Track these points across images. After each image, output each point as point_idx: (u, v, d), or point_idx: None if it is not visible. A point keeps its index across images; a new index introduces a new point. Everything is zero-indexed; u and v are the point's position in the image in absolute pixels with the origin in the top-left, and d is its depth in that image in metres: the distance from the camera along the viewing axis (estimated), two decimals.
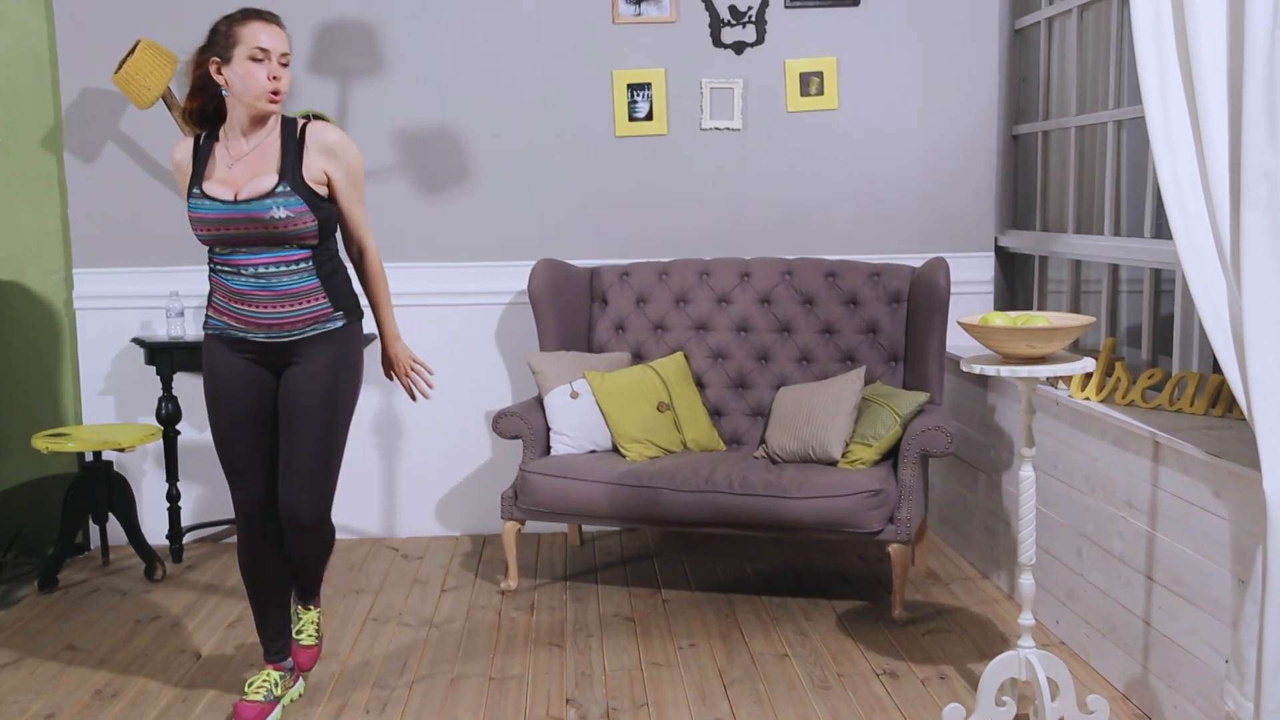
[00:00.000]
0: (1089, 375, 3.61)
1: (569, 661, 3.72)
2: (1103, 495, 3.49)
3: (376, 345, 3.56)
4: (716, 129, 4.98)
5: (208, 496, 5.01)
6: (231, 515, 4.95)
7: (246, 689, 3.33)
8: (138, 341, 4.69)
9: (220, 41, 3.12)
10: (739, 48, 4.95)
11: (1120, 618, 3.40)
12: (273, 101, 3.11)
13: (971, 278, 5.02)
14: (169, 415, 4.67)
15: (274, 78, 3.10)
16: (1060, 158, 4.68)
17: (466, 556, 4.80)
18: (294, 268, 3.15)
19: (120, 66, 4.31)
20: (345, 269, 3.32)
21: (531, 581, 4.47)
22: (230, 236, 3.13)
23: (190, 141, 3.23)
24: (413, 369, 3.43)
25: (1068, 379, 3.70)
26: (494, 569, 4.61)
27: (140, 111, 4.70)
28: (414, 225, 4.90)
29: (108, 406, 4.95)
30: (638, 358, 4.75)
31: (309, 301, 3.19)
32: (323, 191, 3.19)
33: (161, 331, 4.84)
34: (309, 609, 3.53)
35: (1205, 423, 3.25)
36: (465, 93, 4.93)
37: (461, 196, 4.96)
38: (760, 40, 4.94)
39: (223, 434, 3.27)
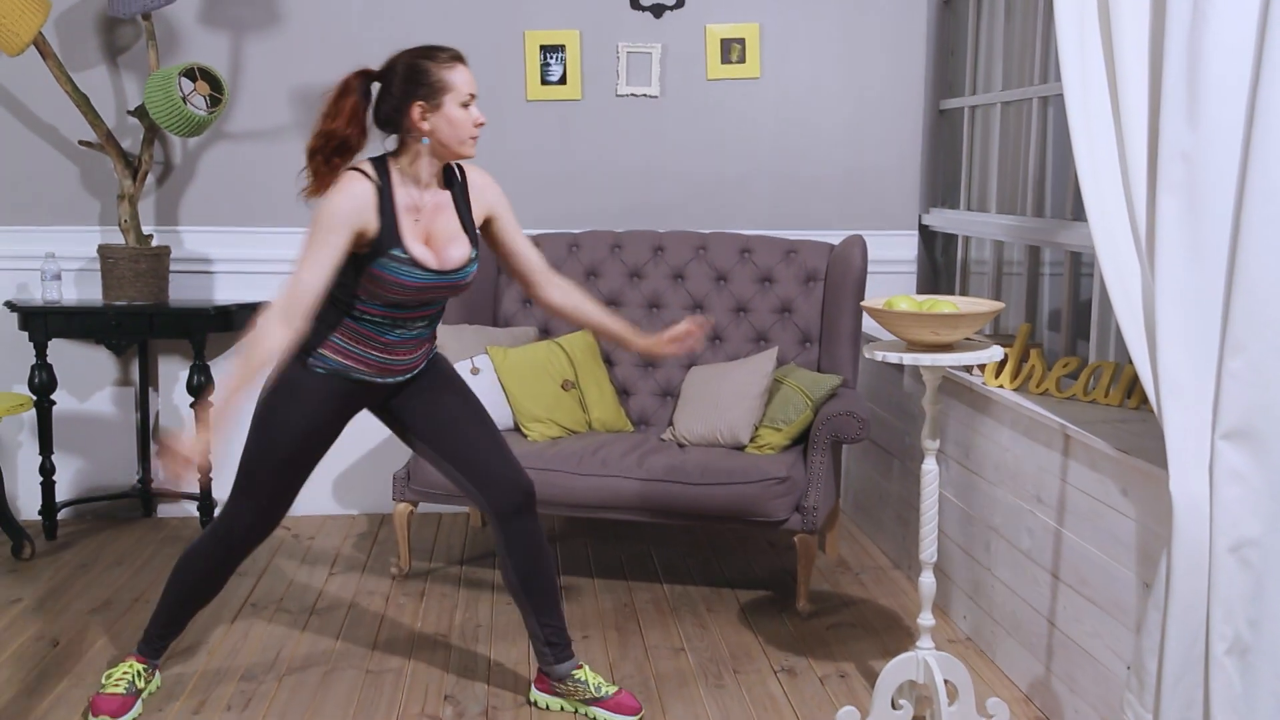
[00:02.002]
0: (1003, 362, 3.46)
1: (453, 654, 3.52)
2: (1012, 488, 3.34)
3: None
4: (633, 95, 4.77)
5: (86, 470, 4.74)
6: (109, 490, 4.72)
7: (105, 680, 3.11)
8: (10, 305, 4.41)
9: (427, 85, 2.84)
10: (658, 10, 4.73)
11: (1026, 616, 3.26)
12: (473, 145, 2.93)
13: (894, 256, 4.86)
14: (43, 384, 4.39)
15: (479, 124, 2.91)
16: (985, 134, 4.52)
17: (361, 537, 4.58)
18: (439, 315, 3.09)
19: None
20: None
21: (426, 565, 4.27)
22: (421, 300, 2.94)
23: (370, 187, 2.85)
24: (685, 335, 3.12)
25: (982, 364, 3.55)
26: (388, 551, 4.39)
27: (13, 59, 4.39)
28: None
29: None
30: (545, 333, 4.55)
31: (432, 341, 3.12)
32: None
33: (37, 295, 4.56)
34: (581, 667, 3.18)
35: (1119, 415, 3.11)
36: (368, 50, 4.56)
37: (361, 159, 4.69)
38: (680, 4, 4.73)
39: (293, 460, 3.02)
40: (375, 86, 2.95)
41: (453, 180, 3.01)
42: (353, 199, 2.83)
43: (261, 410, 3.01)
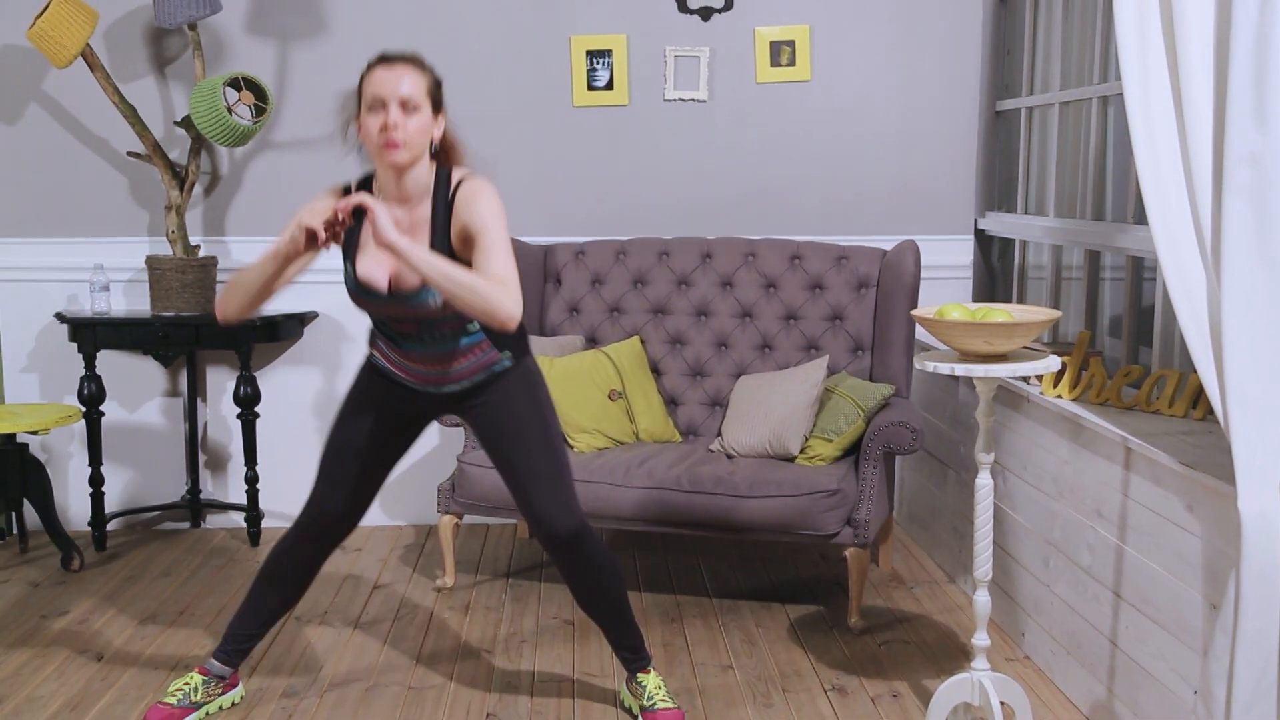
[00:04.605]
0: (1061, 371, 3.34)
1: (497, 669, 3.46)
2: (1071, 502, 3.22)
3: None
4: (681, 100, 4.70)
5: (135, 481, 4.75)
6: (160, 501, 4.74)
7: (167, 689, 3.14)
8: (60, 317, 4.42)
9: (356, 96, 2.78)
10: (706, 14, 4.66)
11: (1087, 636, 3.14)
12: (388, 149, 2.69)
13: (949, 261, 4.74)
14: (91, 396, 4.40)
15: (389, 126, 2.68)
16: (1043, 136, 4.40)
17: (407, 549, 4.54)
18: (459, 331, 2.88)
19: (34, 22, 4.03)
20: None
21: (471, 578, 4.22)
22: (395, 318, 2.89)
23: (329, 202, 2.76)
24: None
25: (1039, 374, 3.43)
26: (433, 563, 4.35)
27: (62, 72, 4.42)
28: None
29: (31, 385, 4.69)
30: (592, 341, 4.48)
31: (476, 353, 2.93)
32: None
33: (86, 307, 4.58)
34: (647, 672, 3.16)
35: (1183, 426, 2.99)
36: None
37: None
38: (729, 6, 4.64)
39: (338, 442, 3.06)
40: None
41: (443, 194, 2.82)
42: (306, 209, 2.76)
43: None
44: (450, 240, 2.79)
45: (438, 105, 2.82)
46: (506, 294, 2.65)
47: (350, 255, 2.87)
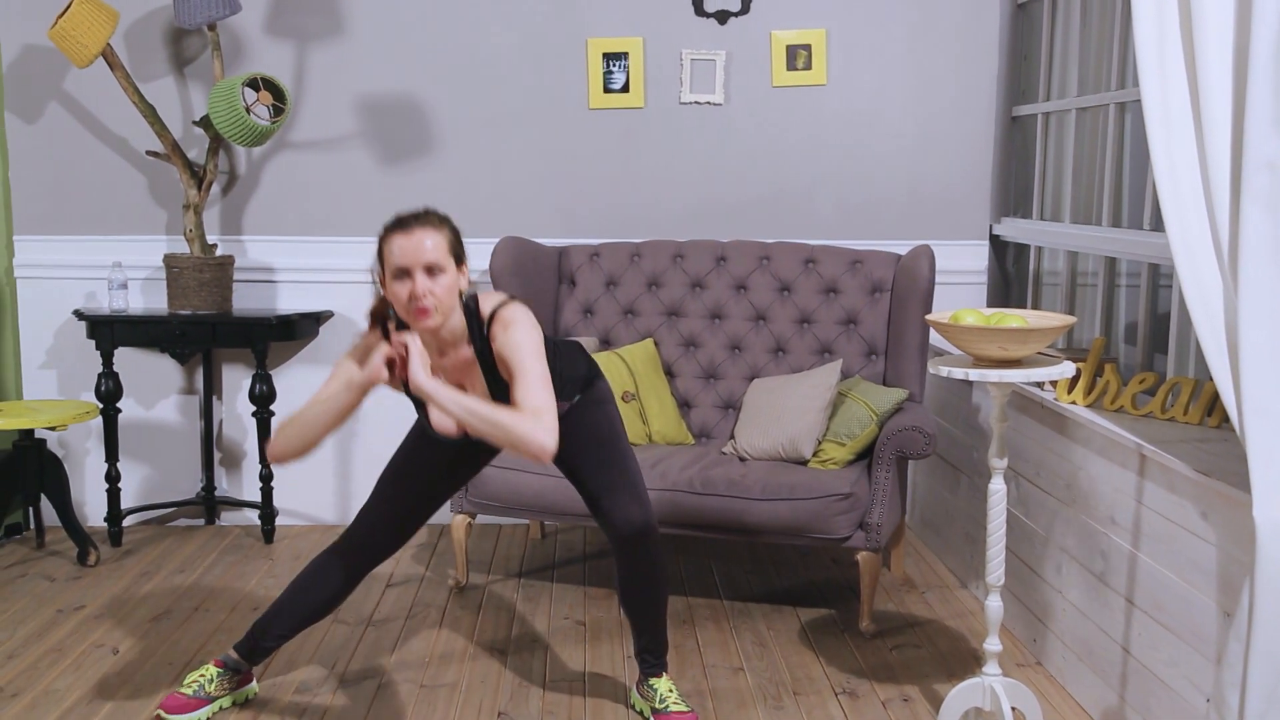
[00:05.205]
0: (1075, 377, 3.34)
1: (508, 668, 3.47)
2: (1085, 508, 3.22)
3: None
4: (696, 103, 4.70)
5: (151, 477, 4.78)
6: (175, 497, 4.76)
7: (184, 679, 3.18)
8: (78, 314, 4.45)
9: (378, 259, 2.77)
10: (722, 17, 4.66)
11: (1099, 642, 3.14)
12: (420, 316, 2.70)
13: (963, 267, 4.74)
14: (109, 392, 4.43)
15: (417, 295, 2.69)
16: (1059, 142, 4.39)
17: (420, 548, 4.56)
18: None
19: (56, 22, 4.06)
20: (571, 353, 3.09)
21: (484, 577, 4.23)
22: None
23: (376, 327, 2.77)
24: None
25: (1054, 380, 3.43)
26: (447, 562, 4.37)
27: (83, 71, 4.45)
28: (372, 198, 4.63)
29: (49, 381, 4.72)
30: (605, 343, 4.49)
31: None
32: None
33: (104, 304, 4.60)
34: (660, 676, 3.18)
35: (1199, 434, 2.98)
36: (430, 59, 4.66)
37: (424, 169, 4.69)
38: (745, 9, 4.65)
39: (387, 477, 3.17)
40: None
41: (477, 328, 2.84)
42: (358, 348, 2.82)
43: None
44: (499, 374, 2.84)
45: (459, 258, 2.81)
46: (540, 427, 2.65)
47: (421, 405, 2.93)
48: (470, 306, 2.85)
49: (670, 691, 3.15)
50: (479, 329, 2.83)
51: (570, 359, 3.09)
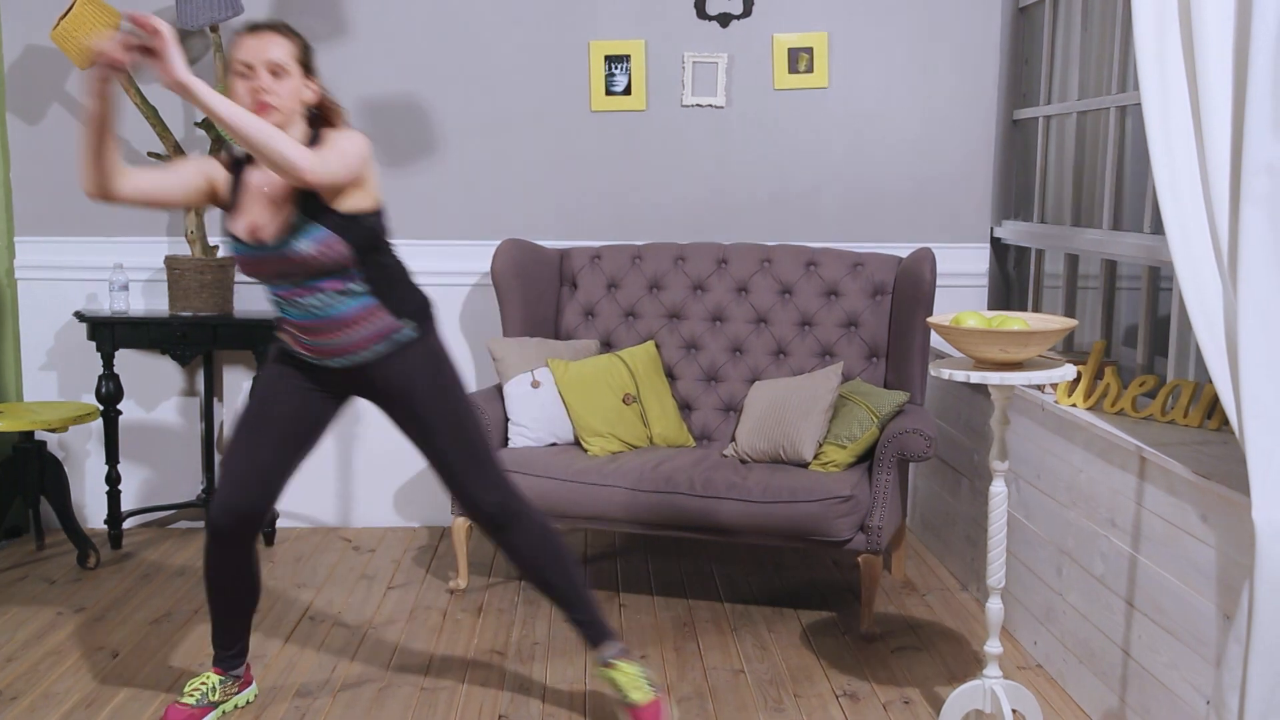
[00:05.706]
0: (1076, 380, 3.34)
1: (509, 671, 3.47)
2: (1085, 511, 3.22)
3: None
4: (698, 106, 4.71)
5: (151, 479, 4.78)
6: (176, 500, 4.76)
7: (184, 689, 3.13)
8: (79, 315, 4.45)
9: (223, 65, 2.84)
10: (724, 20, 4.67)
11: (1099, 644, 3.14)
12: (260, 112, 2.72)
13: (965, 269, 4.74)
14: (109, 394, 4.43)
15: (256, 90, 2.74)
16: (1060, 145, 4.40)
17: (421, 550, 4.56)
18: (345, 293, 2.85)
19: (58, 23, 4.06)
20: (404, 270, 2.99)
21: (484, 580, 4.23)
22: (270, 275, 2.87)
23: (217, 164, 2.90)
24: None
25: (1054, 382, 3.43)
26: (447, 565, 4.37)
27: (84, 72, 4.45)
28: None
29: (50, 382, 4.73)
30: (607, 345, 4.50)
31: (370, 320, 2.89)
32: (355, 203, 2.81)
33: (105, 305, 4.61)
34: (615, 663, 3.07)
35: (1198, 437, 2.98)
36: (432, 61, 4.67)
37: (426, 171, 4.70)
38: (747, 12, 4.66)
39: (237, 433, 3.03)
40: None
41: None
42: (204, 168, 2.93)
43: None
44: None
45: (309, 70, 2.86)
46: (304, 151, 2.65)
47: (229, 214, 2.92)
48: (316, 123, 2.88)
49: (635, 678, 3.06)
50: (318, 133, 2.86)
51: (406, 277, 3.00)
